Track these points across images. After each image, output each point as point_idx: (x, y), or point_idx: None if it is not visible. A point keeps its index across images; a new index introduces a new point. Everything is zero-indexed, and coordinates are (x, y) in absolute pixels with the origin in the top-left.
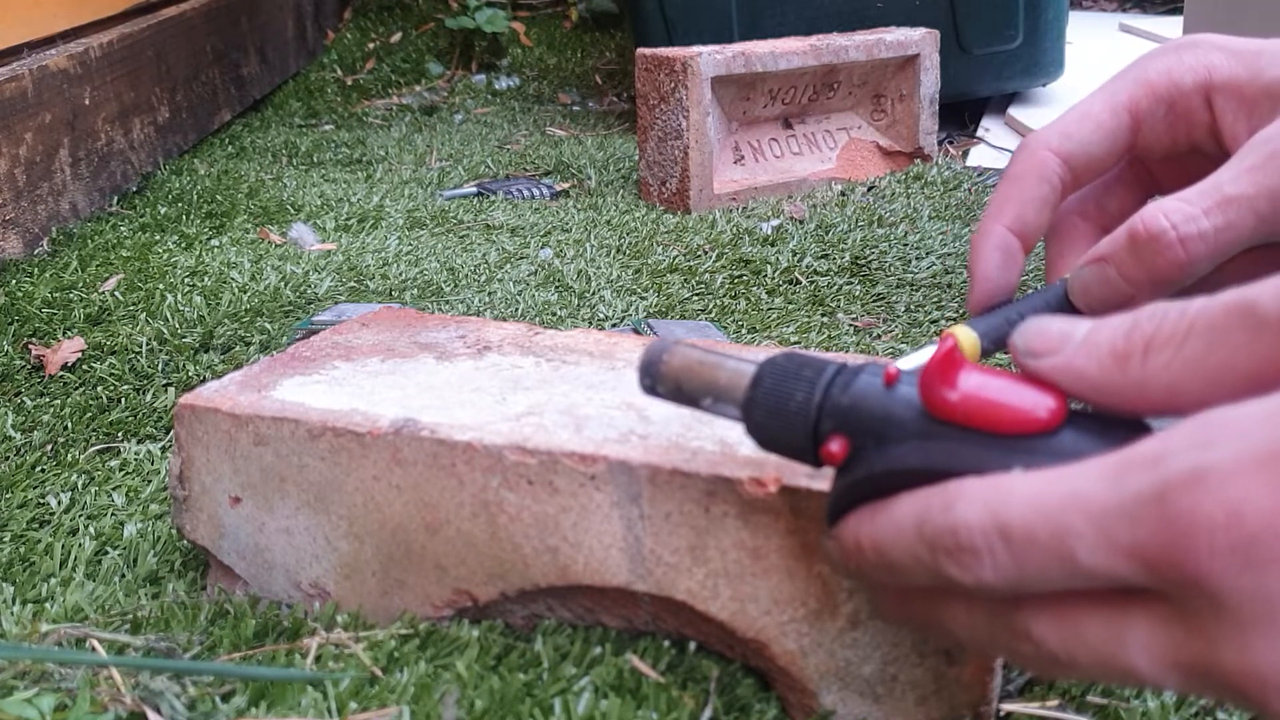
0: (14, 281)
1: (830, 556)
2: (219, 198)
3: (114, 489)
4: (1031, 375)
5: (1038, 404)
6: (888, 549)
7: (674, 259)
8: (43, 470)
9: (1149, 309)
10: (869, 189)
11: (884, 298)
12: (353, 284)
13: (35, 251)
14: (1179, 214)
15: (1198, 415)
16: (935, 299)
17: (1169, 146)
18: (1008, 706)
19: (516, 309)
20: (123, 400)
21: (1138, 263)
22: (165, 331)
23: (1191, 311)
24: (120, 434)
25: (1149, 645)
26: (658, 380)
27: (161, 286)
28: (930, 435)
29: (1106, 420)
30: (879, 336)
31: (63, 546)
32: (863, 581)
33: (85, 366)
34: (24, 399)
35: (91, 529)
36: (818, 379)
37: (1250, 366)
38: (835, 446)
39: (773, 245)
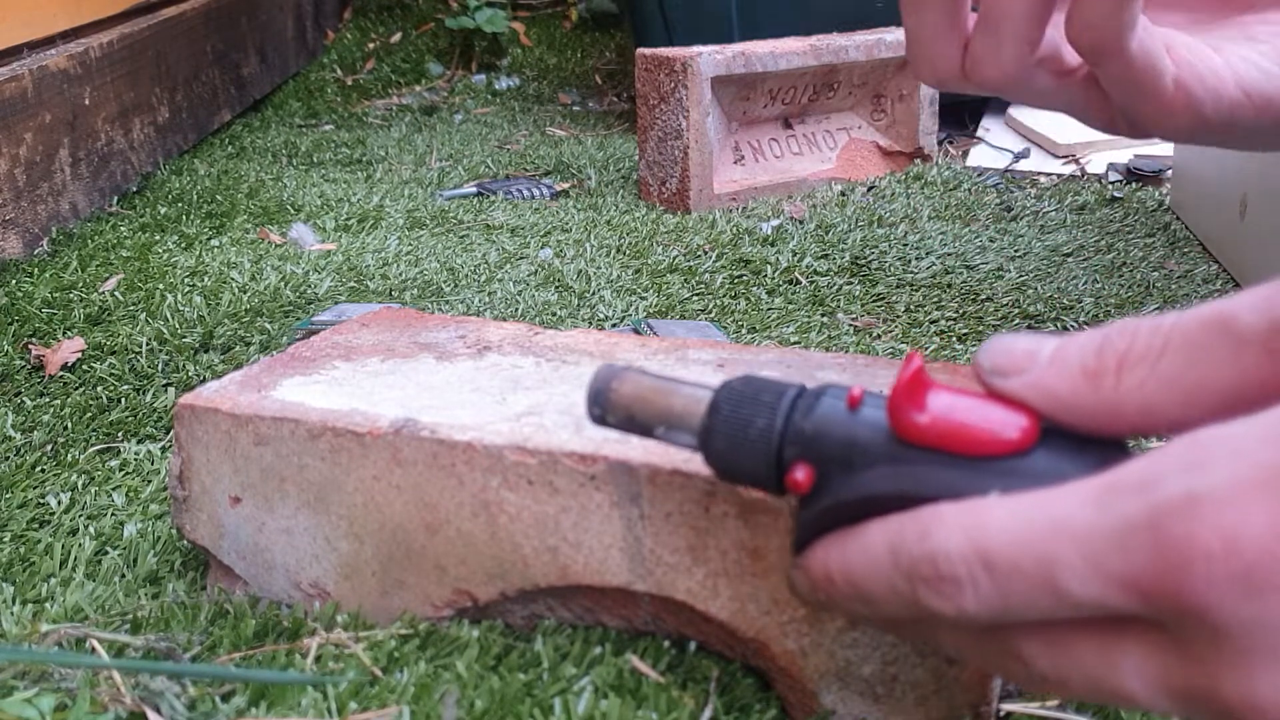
0: (14, 281)
1: (798, 588)
2: (219, 198)
3: (114, 489)
4: (1000, 395)
5: (1009, 424)
6: (860, 579)
7: (674, 259)
8: (43, 470)
9: (1118, 325)
10: (869, 189)
11: (884, 298)
12: (353, 284)
13: (35, 251)
14: None
15: (1186, 435)
16: (935, 299)
17: None
18: (1008, 706)
19: (516, 309)
20: (123, 400)
21: None
22: (165, 331)
23: (1165, 327)
24: (120, 434)
25: (1142, 671)
26: (608, 410)
27: (161, 286)
28: (900, 460)
29: (1081, 438)
30: (879, 336)
31: (63, 546)
32: (835, 612)
33: (85, 366)
34: (24, 399)
35: (91, 529)
36: (778, 404)
37: (1229, 383)
38: (800, 475)
39: (773, 245)
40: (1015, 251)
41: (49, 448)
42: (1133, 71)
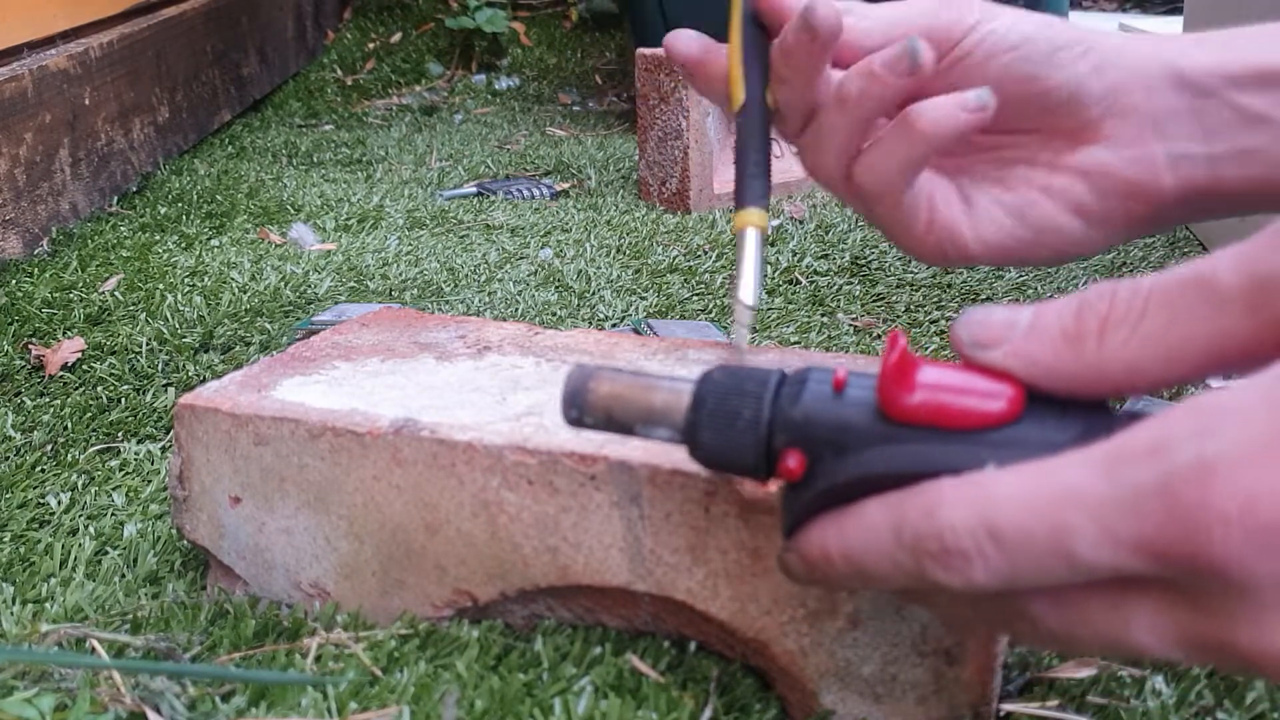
0: (14, 281)
1: (791, 569)
2: (219, 198)
3: (114, 489)
4: (981, 366)
5: (996, 395)
6: (861, 557)
7: (674, 259)
8: (43, 470)
9: (1095, 289)
10: None
11: (884, 298)
12: (353, 284)
13: (35, 251)
14: None
15: (1189, 401)
16: (935, 299)
17: None
18: (1008, 706)
19: (516, 309)
20: (123, 400)
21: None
22: (165, 331)
23: (1144, 288)
24: (120, 434)
25: (1155, 625)
26: (585, 411)
27: (161, 286)
28: (892, 439)
29: (1062, 402)
30: (879, 336)
31: (63, 546)
32: (827, 589)
33: (85, 366)
34: (24, 399)
35: (91, 529)
36: (763, 393)
37: (1211, 341)
38: (793, 463)
39: (773, 245)
40: None
41: (49, 448)
42: (896, 213)
